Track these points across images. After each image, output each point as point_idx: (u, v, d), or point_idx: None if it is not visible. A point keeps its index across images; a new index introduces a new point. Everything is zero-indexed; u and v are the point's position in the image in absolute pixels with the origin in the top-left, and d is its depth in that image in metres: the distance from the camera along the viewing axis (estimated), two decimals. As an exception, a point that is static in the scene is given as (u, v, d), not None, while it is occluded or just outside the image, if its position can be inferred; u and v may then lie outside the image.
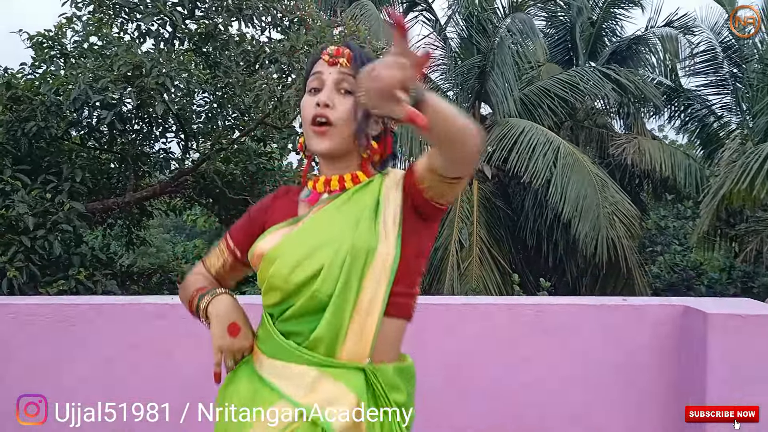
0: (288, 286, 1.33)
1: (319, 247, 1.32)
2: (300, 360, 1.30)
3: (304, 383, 1.29)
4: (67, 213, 5.79)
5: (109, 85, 5.37)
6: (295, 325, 1.34)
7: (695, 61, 13.09)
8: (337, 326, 1.30)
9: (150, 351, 2.53)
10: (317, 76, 1.39)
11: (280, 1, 6.31)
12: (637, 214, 10.08)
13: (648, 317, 2.54)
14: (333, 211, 1.38)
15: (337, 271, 1.29)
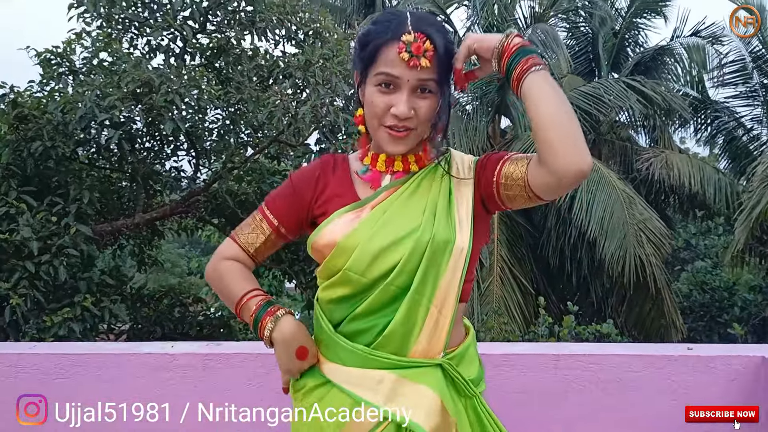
0: (364, 280, 1.27)
1: (400, 239, 1.26)
2: (374, 364, 1.26)
3: (383, 389, 1.25)
4: (73, 236, 5.55)
5: (116, 102, 5.13)
6: (364, 322, 1.28)
7: (724, 71, 12.67)
8: (412, 321, 1.26)
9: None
10: (391, 78, 1.26)
11: (295, 14, 6.05)
12: (667, 232, 9.66)
13: (720, 368, 2.19)
14: (405, 200, 1.31)
15: (416, 264, 1.25)
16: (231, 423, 2.05)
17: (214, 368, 2.21)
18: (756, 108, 12.60)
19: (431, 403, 1.24)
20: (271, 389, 2.14)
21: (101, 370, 2.22)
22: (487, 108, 11.01)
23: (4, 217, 5.49)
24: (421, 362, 1.26)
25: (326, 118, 5.50)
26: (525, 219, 11.07)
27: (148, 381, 2.19)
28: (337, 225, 1.30)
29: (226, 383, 2.18)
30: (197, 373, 2.21)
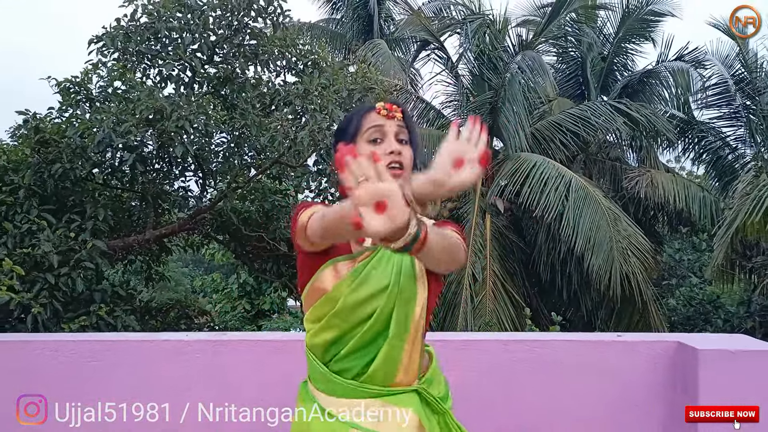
0: (346, 325, 1.50)
1: (379, 291, 1.49)
2: (364, 395, 1.50)
3: (373, 414, 1.48)
4: (89, 251, 6.01)
5: (131, 128, 5.62)
6: (349, 361, 1.51)
7: (707, 94, 13.17)
8: (393, 359, 1.50)
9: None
10: (378, 128, 1.53)
11: (295, 46, 6.56)
12: (651, 248, 10.09)
13: (641, 353, 2.63)
14: (383, 258, 1.52)
15: (390, 312, 1.49)
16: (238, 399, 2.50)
17: (221, 352, 2.65)
18: (739, 128, 13.07)
19: (411, 423, 1.50)
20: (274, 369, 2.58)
21: (127, 354, 2.67)
22: (479, 130, 11.48)
23: (26, 233, 5.96)
24: (401, 390, 1.52)
25: (323, 141, 5.99)
26: (517, 236, 11.52)
27: (166, 362, 2.63)
28: (329, 275, 1.51)
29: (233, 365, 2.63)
30: (207, 357, 2.65)
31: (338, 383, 1.52)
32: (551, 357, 2.65)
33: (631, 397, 2.62)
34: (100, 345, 2.67)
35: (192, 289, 21.92)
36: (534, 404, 2.64)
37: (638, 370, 2.64)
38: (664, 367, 2.61)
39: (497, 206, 10.95)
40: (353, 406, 1.50)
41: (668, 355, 2.62)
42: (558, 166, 10.42)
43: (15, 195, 6.22)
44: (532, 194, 10.12)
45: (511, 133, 10.92)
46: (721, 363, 2.47)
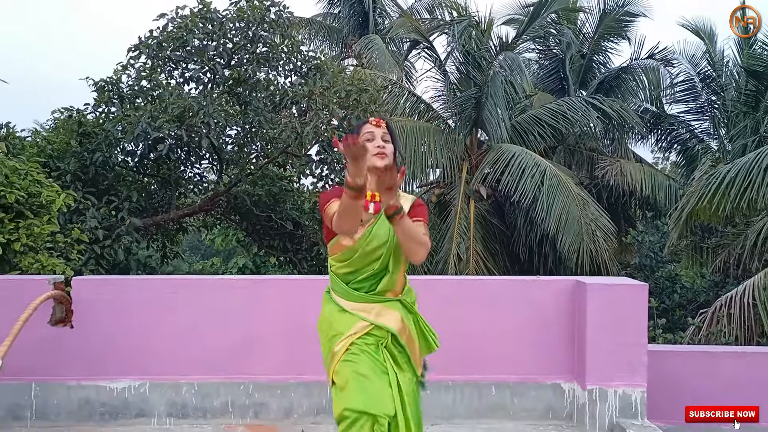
0: (362, 263, 2.38)
1: (378, 246, 2.35)
2: (369, 300, 2.40)
3: (374, 311, 2.39)
4: (127, 227, 7.13)
5: (164, 124, 6.72)
6: (362, 283, 2.40)
7: (675, 90, 14.29)
8: (389, 282, 2.41)
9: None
10: (370, 133, 2.40)
11: (300, 52, 7.66)
12: (615, 230, 11.25)
13: (553, 288, 3.78)
14: (382, 219, 2.31)
15: (388, 260, 2.37)
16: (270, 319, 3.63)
17: (259, 287, 3.79)
18: (705, 122, 14.20)
19: (397, 318, 2.38)
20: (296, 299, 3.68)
21: (194, 289, 3.81)
22: (465, 122, 12.60)
23: (74, 212, 7.07)
24: (392, 299, 2.39)
25: (325, 134, 7.11)
26: (498, 219, 12.69)
27: (222, 294, 3.78)
28: None
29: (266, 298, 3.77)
30: (247, 292, 3.79)
31: (355, 295, 2.40)
32: (489, 292, 3.80)
33: (543, 318, 3.77)
34: (175, 282, 3.81)
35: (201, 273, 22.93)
36: (476, 323, 3.78)
37: (549, 299, 3.78)
38: (566, 298, 3.76)
39: (480, 192, 12.08)
40: (362, 308, 2.38)
41: (569, 290, 3.76)
42: (534, 156, 11.54)
43: (63, 179, 7.32)
44: (510, 181, 11.25)
45: (494, 125, 12.02)
46: (602, 294, 3.61)
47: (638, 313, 3.59)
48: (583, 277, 3.83)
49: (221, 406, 3.71)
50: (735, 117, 13.24)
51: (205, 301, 3.78)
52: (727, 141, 13.86)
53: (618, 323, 3.58)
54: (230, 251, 16.51)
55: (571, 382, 3.74)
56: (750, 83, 12.70)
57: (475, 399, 3.74)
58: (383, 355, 2.36)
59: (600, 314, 3.58)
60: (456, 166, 12.34)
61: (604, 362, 3.59)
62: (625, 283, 3.69)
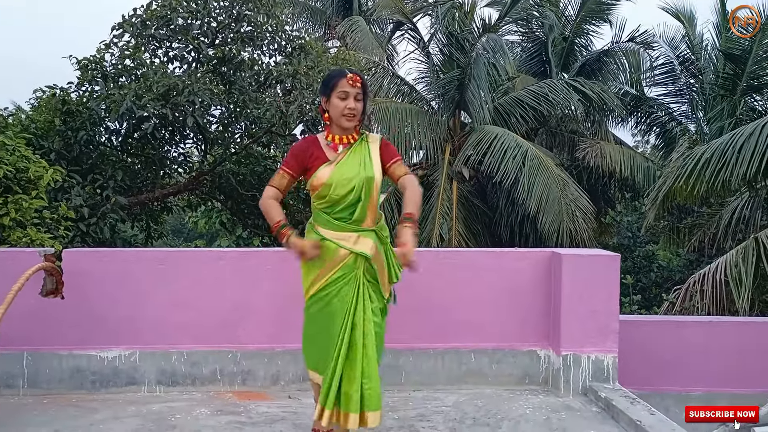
0: (337, 198, 2.74)
1: (350, 178, 2.73)
2: (348, 229, 2.75)
3: (351, 239, 2.75)
4: (113, 205, 7.18)
5: (149, 102, 6.76)
6: (341, 213, 2.76)
7: (655, 72, 14.50)
8: (362, 213, 2.75)
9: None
10: (344, 92, 2.73)
11: (284, 32, 7.71)
12: (594, 210, 11.48)
13: (529, 259, 3.93)
14: (351, 158, 2.79)
15: (360, 190, 2.73)
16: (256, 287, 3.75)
17: (247, 258, 3.91)
18: (684, 104, 14.45)
19: (371, 245, 2.74)
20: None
21: (184, 260, 3.91)
22: (448, 104, 12.72)
23: (59, 190, 7.10)
24: (367, 229, 2.76)
25: (309, 114, 7.19)
26: (480, 200, 12.86)
27: (210, 265, 3.89)
28: (323, 173, 2.73)
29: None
30: (236, 263, 3.90)
31: (335, 224, 2.75)
32: (469, 262, 3.94)
33: (521, 288, 3.93)
34: (164, 254, 3.91)
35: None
36: (455, 293, 3.92)
37: (526, 270, 3.94)
38: (542, 268, 3.91)
39: (463, 173, 12.24)
40: (342, 237, 2.73)
41: (545, 260, 3.92)
42: (516, 138, 11.70)
43: (47, 158, 7.33)
44: (493, 163, 11.41)
45: (477, 107, 12.15)
46: (576, 264, 3.78)
47: (610, 282, 3.76)
48: (559, 249, 3.99)
49: (210, 373, 3.83)
50: (713, 100, 13.49)
51: (195, 272, 3.88)
52: (704, 123, 14.12)
53: (591, 292, 3.75)
54: (213, 234, 16.54)
55: (546, 348, 3.91)
56: (728, 66, 12.93)
57: (455, 366, 3.89)
58: (354, 290, 2.72)
59: (574, 283, 3.75)
60: (439, 147, 12.47)
61: (578, 329, 3.76)
62: (598, 254, 3.86)
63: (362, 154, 2.81)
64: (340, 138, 2.82)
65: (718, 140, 9.56)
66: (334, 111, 2.77)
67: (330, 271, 2.74)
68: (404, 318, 3.67)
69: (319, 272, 2.76)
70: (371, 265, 2.76)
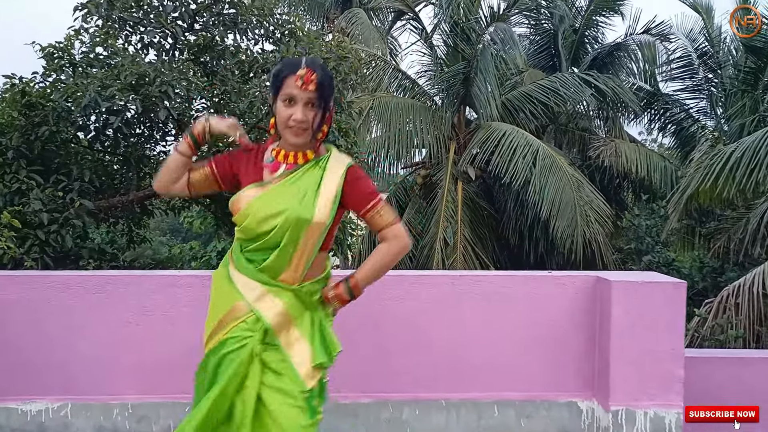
0: (253, 233, 2.02)
1: (276, 213, 1.98)
2: (254, 278, 2.03)
3: (255, 293, 2.02)
4: (77, 210, 6.33)
5: (116, 93, 5.91)
6: (254, 255, 2.05)
7: (672, 66, 13.67)
8: (280, 262, 2.01)
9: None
10: (291, 96, 1.97)
11: (273, 15, 6.86)
12: (611, 213, 10.64)
13: (567, 285, 3.11)
14: (288, 186, 2.03)
15: (285, 230, 1.97)
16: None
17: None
18: (702, 100, 13.62)
19: (278, 310, 2.00)
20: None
21: (128, 287, 3.08)
22: (453, 99, 11.88)
23: (16, 193, 6.27)
24: (281, 285, 2.01)
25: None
26: (487, 202, 12.02)
27: (161, 294, 3.05)
28: (246, 195, 2.01)
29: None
30: (194, 291, 3.07)
31: (244, 266, 2.04)
32: (491, 290, 3.11)
33: (557, 323, 3.10)
34: (102, 279, 3.07)
35: (171, 257, 22.18)
36: (474, 329, 3.10)
37: (564, 300, 3.12)
38: (585, 297, 3.09)
39: (469, 173, 11.40)
40: (247, 284, 2.03)
41: (588, 288, 3.09)
42: (526, 135, 10.87)
43: (4, 156, 6.50)
44: (501, 162, 10.58)
45: (483, 102, 11.31)
46: (631, 293, 2.95)
47: (675, 317, 2.94)
48: (606, 272, 3.17)
49: (161, 431, 3.01)
50: (733, 96, 12.68)
51: (142, 302, 3.07)
52: (723, 120, 13.30)
53: (649, 328, 2.92)
54: (211, 234, 15.75)
55: (590, 400, 3.09)
56: (749, 59, 12.11)
57: (473, 421, 3.07)
58: (246, 360, 1.98)
59: (627, 318, 2.93)
60: (443, 145, 11.63)
61: (633, 376, 2.94)
62: (658, 281, 3.03)
63: (307, 184, 2.04)
64: (286, 155, 2.07)
65: (749, 138, 8.76)
66: (277, 120, 2.05)
67: (225, 327, 2.04)
68: (407, 360, 2.87)
69: (219, 321, 2.07)
70: (273, 337, 2.02)
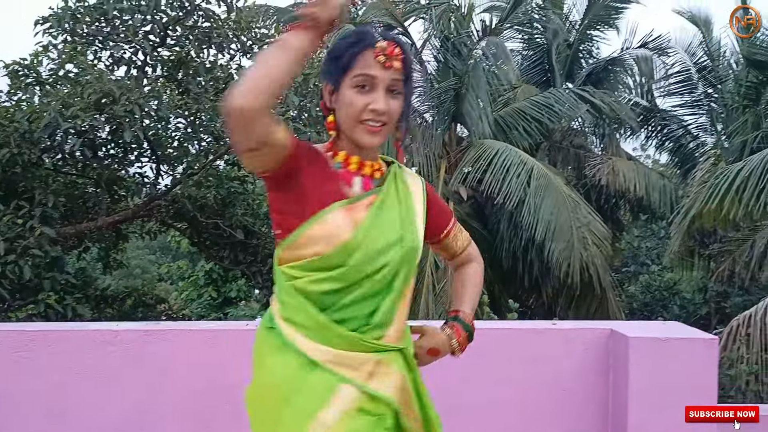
0: (360, 275, 1.41)
1: (384, 246, 1.43)
2: (360, 348, 1.41)
3: (367, 366, 1.41)
4: (38, 238, 5.86)
5: (78, 112, 5.47)
6: (349, 309, 1.42)
7: (670, 81, 13.33)
8: (391, 312, 1.46)
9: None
10: (369, 78, 1.40)
11: (250, 29, 6.44)
12: (609, 235, 10.21)
13: (575, 341, 2.64)
14: (385, 206, 1.47)
15: (397, 267, 1.45)
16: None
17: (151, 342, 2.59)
18: (701, 116, 13.27)
19: (398, 382, 1.46)
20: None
21: (57, 344, 2.59)
22: (443, 117, 11.46)
23: (-30, 221, 5.79)
24: (392, 347, 1.46)
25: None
26: (480, 224, 11.56)
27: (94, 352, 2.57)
28: (337, 220, 1.40)
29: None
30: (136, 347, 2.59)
31: (338, 333, 1.40)
32: (488, 344, 2.64)
33: (564, 383, 2.63)
34: (27, 336, 2.59)
35: (159, 277, 21.66)
36: (470, 390, 2.64)
37: (572, 356, 2.65)
38: (597, 354, 2.62)
39: (460, 193, 10.95)
40: (348, 361, 1.40)
41: (601, 343, 2.63)
42: (520, 154, 10.44)
43: (-40, 180, 6.05)
44: (494, 181, 10.12)
45: (475, 120, 10.88)
46: (652, 351, 2.49)
47: (707, 378, 2.47)
48: (620, 323, 2.71)
49: None
50: (734, 111, 12.34)
51: (77, 362, 2.58)
52: (724, 137, 12.95)
53: (674, 393, 2.46)
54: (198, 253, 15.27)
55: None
56: (751, 74, 11.79)
57: (466, 502, 2.59)
58: None
59: (649, 379, 2.46)
60: (433, 164, 11.17)
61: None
62: (685, 336, 2.56)
63: (407, 204, 1.52)
64: (360, 162, 1.48)
65: (757, 156, 8.35)
66: (345, 112, 1.44)
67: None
68: None
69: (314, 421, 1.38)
70: (400, 422, 1.47)
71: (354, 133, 1.44)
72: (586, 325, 2.73)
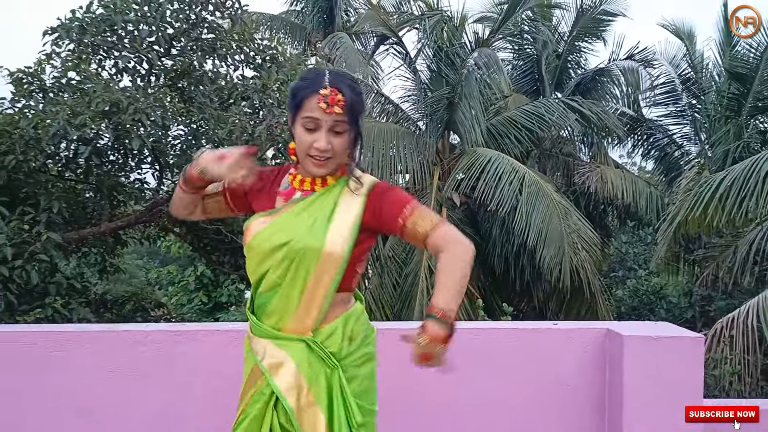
0: (261, 272, 1.75)
1: (278, 244, 1.71)
2: (262, 334, 1.76)
3: (265, 351, 1.74)
4: (44, 243, 5.98)
5: (86, 121, 5.61)
6: (261, 299, 1.77)
7: (655, 92, 13.67)
8: (284, 306, 1.72)
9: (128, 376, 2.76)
10: (313, 120, 1.66)
11: (253, 41, 6.62)
12: (599, 241, 10.47)
13: (574, 339, 2.84)
14: (298, 212, 1.75)
15: (287, 265, 1.70)
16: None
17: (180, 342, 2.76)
18: (685, 126, 13.60)
19: (290, 369, 1.68)
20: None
21: (91, 344, 2.75)
22: (437, 125, 11.70)
23: (-23, 226, 5.90)
24: (291, 337, 1.71)
25: (281, 135, 6.08)
26: (472, 229, 11.78)
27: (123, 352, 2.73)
28: (254, 225, 1.75)
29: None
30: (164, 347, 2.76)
31: (251, 318, 1.79)
32: (491, 345, 2.84)
33: (562, 382, 2.83)
34: (63, 336, 2.74)
35: (147, 282, 21.63)
36: (468, 388, 2.81)
37: (569, 355, 2.85)
38: (594, 352, 2.82)
39: (453, 200, 11.18)
40: (258, 342, 1.76)
41: (598, 341, 2.83)
42: (512, 161, 10.69)
43: (-33, 186, 6.15)
44: (487, 188, 10.37)
45: (468, 128, 11.13)
46: (644, 347, 2.69)
47: (694, 374, 2.68)
48: (615, 323, 2.91)
49: None
50: (716, 122, 12.67)
51: (110, 362, 2.74)
52: (707, 147, 13.28)
53: (666, 390, 2.66)
54: (188, 258, 15.36)
55: (601, 468, 2.81)
56: (732, 86, 12.13)
57: (473, 491, 2.78)
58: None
59: (642, 377, 2.66)
60: (427, 171, 11.41)
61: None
62: (674, 335, 2.77)
63: (321, 211, 1.74)
64: (302, 181, 1.79)
65: (738, 166, 8.64)
66: (297, 146, 1.75)
67: (243, 398, 1.81)
68: (386, 428, 2.57)
69: (242, 391, 1.83)
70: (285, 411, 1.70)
71: (304, 164, 1.75)
72: (585, 325, 2.93)
